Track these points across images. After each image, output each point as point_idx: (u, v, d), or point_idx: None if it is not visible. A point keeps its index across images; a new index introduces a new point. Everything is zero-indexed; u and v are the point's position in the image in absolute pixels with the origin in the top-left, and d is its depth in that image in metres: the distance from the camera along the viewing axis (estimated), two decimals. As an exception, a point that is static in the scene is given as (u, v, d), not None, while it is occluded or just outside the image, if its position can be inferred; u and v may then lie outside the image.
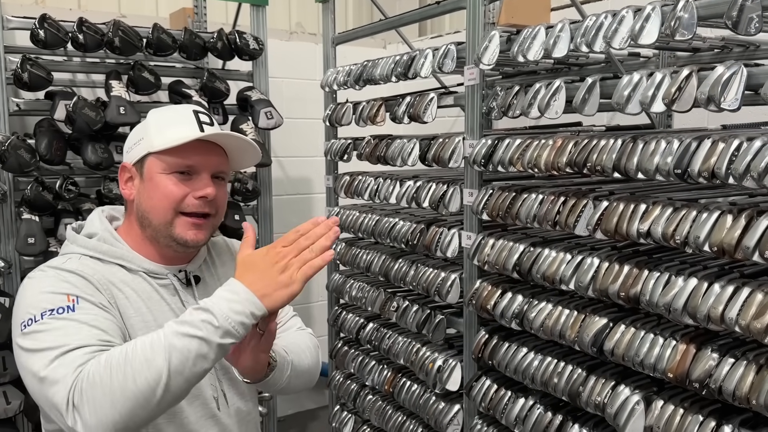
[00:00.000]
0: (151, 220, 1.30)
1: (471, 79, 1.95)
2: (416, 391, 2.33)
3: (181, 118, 1.31)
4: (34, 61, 2.43)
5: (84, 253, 1.28)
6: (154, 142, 1.28)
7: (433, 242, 2.14)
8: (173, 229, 1.29)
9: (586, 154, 1.55)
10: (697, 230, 1.34)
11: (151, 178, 1.28)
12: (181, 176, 1.28)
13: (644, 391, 1.53)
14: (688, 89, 1.36)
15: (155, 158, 1.28)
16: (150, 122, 1.32)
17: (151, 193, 1.29)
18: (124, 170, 1.34)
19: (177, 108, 1.39)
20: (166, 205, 1.28)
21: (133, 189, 1.32)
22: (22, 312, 1.16)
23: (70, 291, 1.17)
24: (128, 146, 1.35)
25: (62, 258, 1.28)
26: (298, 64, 3.73)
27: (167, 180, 1.28)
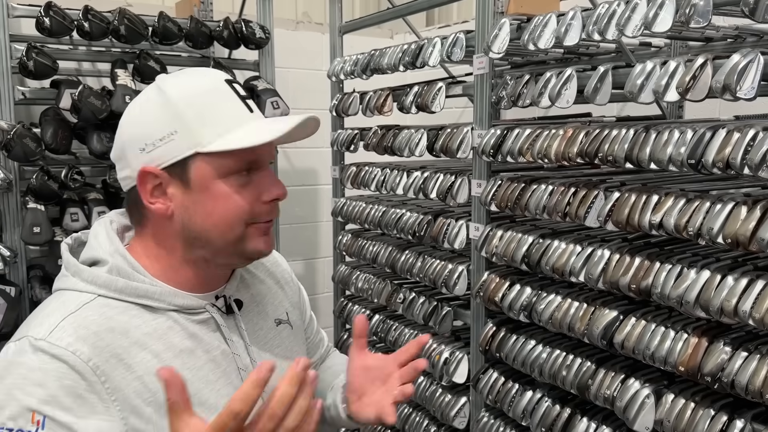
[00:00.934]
0: (212, 239, 0.98)
1: (480, 68, 1.92)
2: (422, 383, 2.32)
3: (222, 97, 0.98)
4: (40, 50, 2.41)
5: (95, 292, 0.96)
6: (203, 137, 0.94)
7: (440, 234, 2.12)
8: (245, 244, 1.00)
9: (598, 144, 1.53)
10: (710, 222, 1.32)
11: (207, 187, 0.96)
12: (241, 177, 0.98)
13: (654, 384, 1.51)
14: (703, 78, 1.34)
15: (207, 161, 0.95)
16: (180, 106, 0.95)
17: (209, 207, 0.96)
18: (147, 177, 0.96)
19: (203, 78, 1.00)
20: (234, 219, 0.97)
21: (170, 202, 0.97)
22: None
23: (38, 406, 0.85)
24: (147, 142, 0.96)
25: (55, 312, 0.94)
26: (305, 53, 3.71)
27: (228, 187, 0.96)
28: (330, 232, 3.01)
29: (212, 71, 1.03)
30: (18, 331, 0.95)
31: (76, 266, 1.00)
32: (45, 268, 2.52)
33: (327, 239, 3.54)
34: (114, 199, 2.62)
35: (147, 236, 1.03)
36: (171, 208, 0.98)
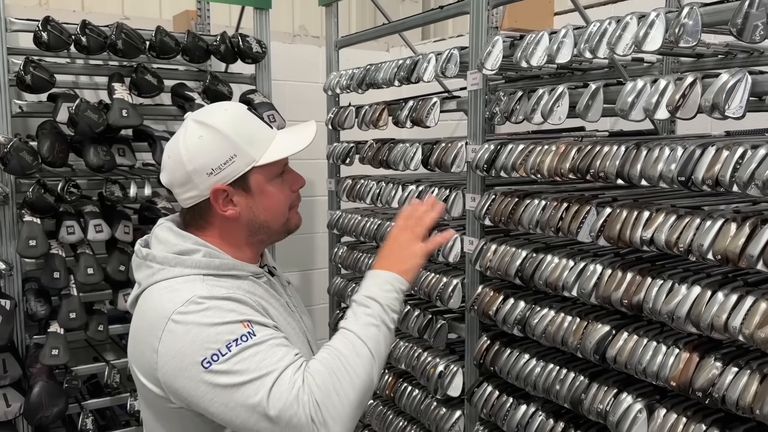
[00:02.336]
0: (273, 225, 1.36)
1: (474, 83, 1.94)
2: (417, 397, 2.32)
3: (255, 124, 1.33)
4: (37, 64, 2.43)
5: (200, 273, 1.25)
6: (254, 155, 1.28)
7: (435, 247, 2.13)
8: (290, 223, 1.39)
9: (590, 160, 1.55)
10: (700, 238, 1.33)
11: (262, 190, 1.32)
12: (279, 177, 1.35)
13: (647, 399, 1.52)
14: (692, 96, 1.36)
15: (260, 172, 1.30)
16: (231, 136, 1.27)
17: (267, 203, 1.33)
18: (219, 193, 1.28)
19: (234, 111, 1.34)
20: (284, 208, 1.36)
21: (236, 206, 1.30)
22: (198, 348, 1.14)
23: (241, 318, 1.19)
24: (213, 168, 1.26)
25: (187, 286, 1.23)
26: (301, 66, 3.73)
27: (275, 187, 1.34)
28: (326, 244, 3.02)
29: (233, 104, 1.37)
30: (157, 312, 1.20)
31: (176, 258, 1.27)
32: (40, 281, 2.52)
33: (323, 251, 3.55)
34: (110, 212, 2.63)
35: (212, 233, 1.34)
36: (238, 212, 1.31)
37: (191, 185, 1.28)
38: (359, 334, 1.24)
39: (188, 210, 1.34)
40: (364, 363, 1.20)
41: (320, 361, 1.20)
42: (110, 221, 2.58)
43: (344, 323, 1.29)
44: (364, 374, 1.19)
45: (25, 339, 2.54)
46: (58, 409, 2.41)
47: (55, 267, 2.46)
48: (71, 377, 2.53)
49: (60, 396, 2.42)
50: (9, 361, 2.38)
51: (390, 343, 1.29)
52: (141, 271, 1.30)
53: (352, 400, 1.16)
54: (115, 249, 2.63)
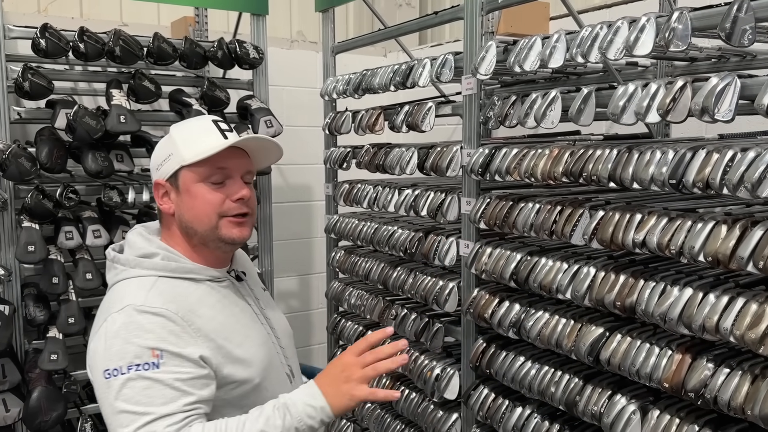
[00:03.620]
0: (197, 228, 1.37)
1: (468, 88, 1.96)
2: (414, 400, 2.33)
3: (204, 130, 1.39)
4: (36, 70, 2.45)
5: (156, 274, 1.33)
6: (185, 155, 1.35)
7: (431, 251, 2.15)
8: (219, 231, 1.37)
9: (582, 163, 1.56)
10: (692, 240, 1.35)
11: (188, 189, 1.35)
12: (215, 184, 1.36)
13: (640, 400, 1.53)
14: (683, 100, 1.37)
15: (188, 171, 1.35)
16: (175, 138, 1.39)
17: (191, 204, 1.36)
18: (158, 187, 1.39)
19: (197, 121, 1.46)
20: (208, 211, 1.36)
21: (171, 203, 1.38)
22: (108, 357, 1.22)
23: (155, 344, 1.22)
24: (156, 164, 1.40)
25: (137, 290, 1.30)
26: (299, 72, 3.75)
27: (203, 188, 1.35)
28: (324, 248, 3.03)
29: (207, 117, 1.45)
30: (108, 308, 1.29)
31: (135, 260, 1.35)
32: (39, 287, 2.53)
33: (321, 255, 3.56)
34: (108, 218, 2.65)
35: (171, 232, 1.41)
36: (172, 208, 1.38)
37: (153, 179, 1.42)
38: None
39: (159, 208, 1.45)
40: None
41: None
42: (109, 227, 2.59)
43: (252, 415, 1.25)
44: None
45: (24, 344, 2.55)
46: (57, 414, 2.41)
47: (54, 272, 2.46)
48: (70, 382, 2.54)
49: (59, 401, 2.43)
50: (8, 366, 2.39)
51: None
52: (109, 272, 1.41)
53: None
54: (113, 254, 2.64)
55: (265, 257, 3.10)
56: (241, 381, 1.34)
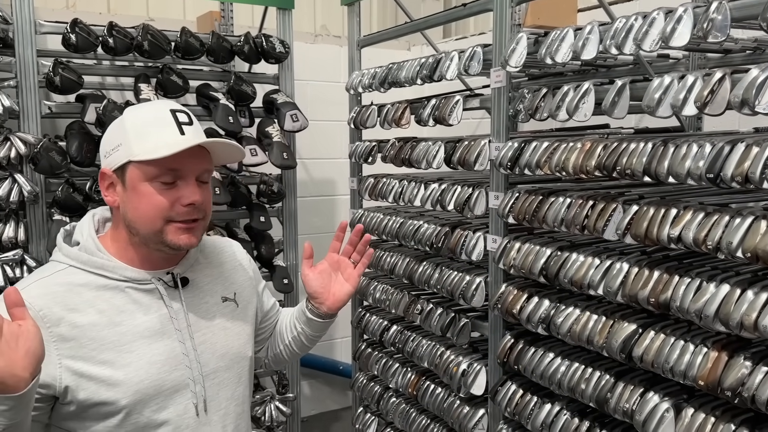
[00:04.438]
0: (139, 229, 1.25)
1: (497, 81, 1.94)
2: (440, 395, 2.32)
3: (158, 121, 1.24)
4: (66, 65, 2.47)
5: (68, 263, 1.24)
6: (134, 149, 1.21)
7: (457, 245, 2.14)
8: (164, 236, 1.25)
9: (616, 157, 1.54)
10: (729, 236, 1.32)
11: (134, 187, 1.23)
12: (165, 184, 1.23)
13: (674, 398, 1.51)
14: (721, 92, 1.34)
15: (136, 167, 1.22)
16: (127, 125, 1.24)
17: (136, 203, 1.23)
18: (104, 176, 1.26)
19: (153, 107, 1.31)
20: (153, 215, 1.23)
21: (116, 196, 1.26)
22: None
23: None
24: (105, 150, 1.27)
25: (35, 275, 1.25)
26: (323, 66, 3.75)
27: (152, 189, 1.22)
28: (348, 243, 3.02)
29: (165, 102, 1.32)
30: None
31: (60, 245, 1.29)
32: (69, 279, 2.57)
33: (345, 250, 3.56)
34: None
35: (114, 224, 1.32)
36: (117, 202, 1.26)
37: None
38: None
39: None
40: None
41: None
42: (136, 220, 2.62)
43: None
44: None
45: (54, 336, 2.58)
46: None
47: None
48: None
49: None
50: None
51: None
52: None
53: None
54: (141, 247, 2.67)
55: (290, 251, 3.11)
56: (97, 402, 1.19)
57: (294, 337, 1.58)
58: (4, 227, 2.42)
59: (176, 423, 1.27)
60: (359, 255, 1.55)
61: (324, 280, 1.50)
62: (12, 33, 2.43)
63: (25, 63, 2.43)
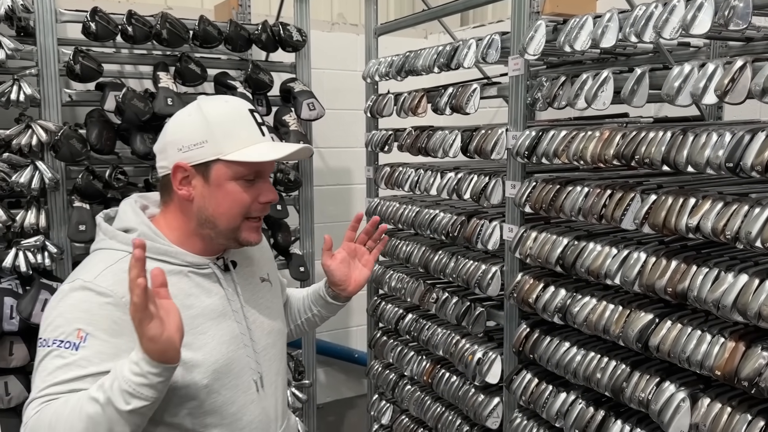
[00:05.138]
0: (218, 224, 1.30)
1: (516, 69, 1.93)
2: (455, 383, 2.33)
3: (242, 120, 1.30)
4: (86, 53, 2.50)
5: (127, 251, 1.23)
6: (225, 148, 1.26)
7: (474, 234, 2.14)
8: (240, 233, 1.32)
9: (635, 146, 1.53)
10: (748, 225, 1.31)
11: (220, 185, 1.28)
12: (247, 182, 1.29)
13: (690, 388, 1.50)
14: (742, 80, 1.33)
15: (225, 165, 1.27)
16: (212, 123, 1.27)
17: (220, 199, 1.28)
18: (179, 170, 1.27)
19: (231, 105, 1.33)
20: (237, 212, 1.30)
21: (192, 190, 1.29)
22: (44, 325, 1.19)
23: (83, 326, 1.16)
24: (181, 143, 1.27)
25: (99, 263, 1.24)
26: (340, 55, 3.75)
27: (237, 187, 1.28)
28: (364, 232, 3.04)
29: (240, 101, 1.36)
30: (69, 277, 1.26)
31: (113, 232, 1.30)
32: (89, 265, 2.60)
33: (361, 238, 3.57)
34: (155, 198, 2.70)
35: (171, 212, 1.34)
36: (192, 195, 1.29)
37: (164, 155, 1.30)
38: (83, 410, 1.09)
39: (160, 181, 1.36)
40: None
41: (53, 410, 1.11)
42: (155, 207, 2.65)
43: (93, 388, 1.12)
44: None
45: (75, 321, 2.63)
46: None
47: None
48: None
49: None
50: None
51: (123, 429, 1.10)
52: (95, 237, 1.35)
53: None
54: (159, 234, 2.70)
55: (306, 239, 3.13)
56: (182, 385, 1.24)
57: (308, 318, 1.69)
58: (25, 214, 2.46)
59: (243, 400, 1.35)
60: (374, 243, 1.62)
61: (345, 268, 1.57)
62: (33, 22, 2.46)
63: (46, 51, 2.46)
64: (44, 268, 2.46)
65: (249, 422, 1.36)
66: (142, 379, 1.07)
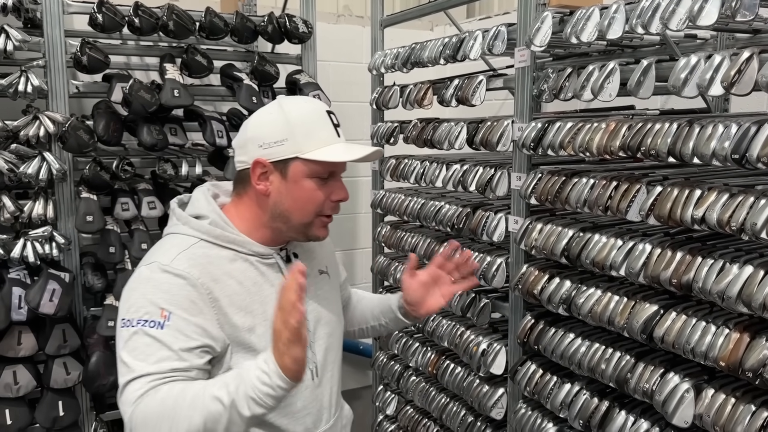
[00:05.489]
0: (291, 219, 1.35)
1: (522, 60, 1.93)
2: (460, 374, 2.34)
3: (320, 121, 1.35)
4: (93, 45, 2.51)
5: (199, 237, 1.33)
6: (304, 147, 1.31)
7: (479, 226, 2.14)
8: (311, 228, 1.38)
9: (641, 137, 1.53)
10: (754, 217, 1.31)
11: (297, 181, 1.33)
12: (321, 180, 1.35)
13: (694, 379, 1.51)
14: (749, 72, 1.32)
15: (303, 163, 1.32)
16: (293, 122, 1.32)
17: (296, 195, 1.34)
18: (258, 166, 1.33)
19: (310, 106, 1.39)
20: (311, 208, 1.35)
21: (270, 185, 1.34)
22: (126, 306, 1.25)
23: (166, 305, 1.23)
24: (262, 140, 1.33)
25: (172, 248, 1.31)
26: (346, 47, 3.74)
27: (312, 185, 1.34)
28: (369, 224, 3.05)
29: (319, 102, 1.43)
30: (144, 260, 1.33)
31: (186, 218, 1.37)
32: (97, 256, 2.62)
33: (366, 230, 3.58)
34: (162, 190, 2.71)
35: (244, 203, 1.40)
36: (269, 190, 1.35)
37: (243, 150, 1.36)
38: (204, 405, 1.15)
39: (236, 174, 1.41)
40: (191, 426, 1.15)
41: (167, 393, 1.17)
42: (163, 199, 2.66)
43: (216, 379, 1.20)
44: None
45: (82, 311, 2.65)
46: (115, 378, 2.50)
47: (111, 242, 2.55)
48: (126, 348, 2.63)
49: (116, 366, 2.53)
50: (68, 331, 2.50)
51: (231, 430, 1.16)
52: (168, 221, 1.43)
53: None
54: (166, 226, 2.72)
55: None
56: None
57: (374, 326, 1.74)
58: (33, 204, 2.48)
59: (300, 387, 1.34)
60: (457, 272, 1.61)
61: (423, 291, 1.61)
62: (40, 13, 2.47)
63: (53, 43, 2.47)
64: (52, 258, 2.48)
65: (302, 408, 1.40)
66: (270, 390, 1.13)
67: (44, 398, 2.49)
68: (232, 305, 1.30)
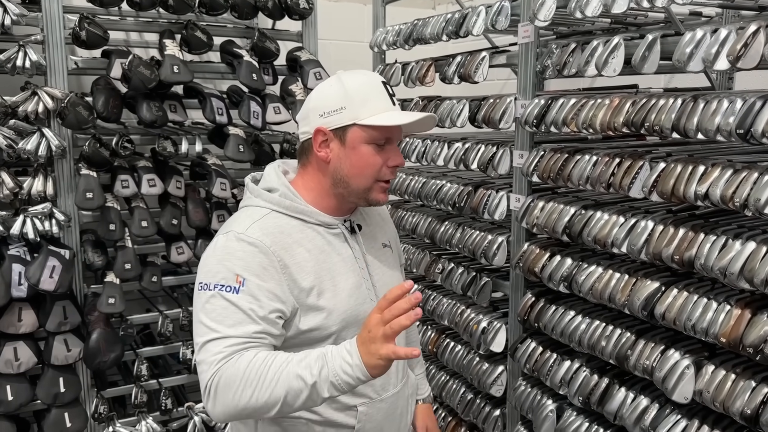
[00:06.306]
0: (351, 184, 1.41)
1: (525, 36, 1.91)
2: (460, 352, 2.35)
3: (377, 90, 1.41)
4: (92, 20, 2.48)
5: (270, 208, 1.41)
6: (361, 114, 1.37)
7: (480, 205, 2.14)
8: (371, 193, 1.43)
9: (645, 113, 1.52)
10: (757, 193, 1.30)
11: (355, 147, 1.39)
12: (378, 146, 1.40)
13: (695, 355, 1.51)
14: (755, 46, 1.31)
15: (360, 129, 1.38)
16: (351, 92, 1.39)
17: (354, 160, 1.40)
18: (320, 134, 1.40)
19: (368, 77, 1.45)
20: (369, 173, 1.41)
21: (330, 152, 1.41)
22: (203, 272, 1.34)
23: (240, 271, 1.31)
24: (322, 110, 1.40)
25: (247, 219, 1.39)
26: (347, 24, 3.70)
27: (370, 150, 1.39)
28: (370, 203, 3.03)
29: (375, 74, 1.49)
30: (221, 229, 1.42)
31: (259, 191, 1.45)
32: (97, 233, 2.61)
33: (366, 210, 3.57)
34: (162, 167, 2.70)
35: (308, 173, 1.47)
36: (329, 157, 1.41)
37: (306, 121, 1.44)
38: (288, 380, 1.22)
39: (300, 145, 1.49)
40: (269, 399, 1.22)
41: (251, 364, 1.23)
42: (163, 176, 2.65)
43: (298, 356, 1.25)
44: (262, 404, 1.23)
45: (83, 288, 2.65)
46: (115, 355, 2.52)
47: (111, 219, 2.54)
48: (127, 325, 2.64)
49: (116, 343, 2.53)
50: (69, 308, 2.49)
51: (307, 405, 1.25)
52: (243, 196, 1.51)
53: (240, 408, 1.24)
54: (167, 203, 2.70)
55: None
56: (315, 328, 1.38)
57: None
58: (32, 181, 2.46)
59: None
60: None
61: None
62: (38, -13, 2.44)
63: (51, 18, 2.44)
64: (51, 235, 2.47)
65: None
66: (350, 380, 1.21)
67: (45, 375, 2.50)
68: (301, 271, 1.36)
